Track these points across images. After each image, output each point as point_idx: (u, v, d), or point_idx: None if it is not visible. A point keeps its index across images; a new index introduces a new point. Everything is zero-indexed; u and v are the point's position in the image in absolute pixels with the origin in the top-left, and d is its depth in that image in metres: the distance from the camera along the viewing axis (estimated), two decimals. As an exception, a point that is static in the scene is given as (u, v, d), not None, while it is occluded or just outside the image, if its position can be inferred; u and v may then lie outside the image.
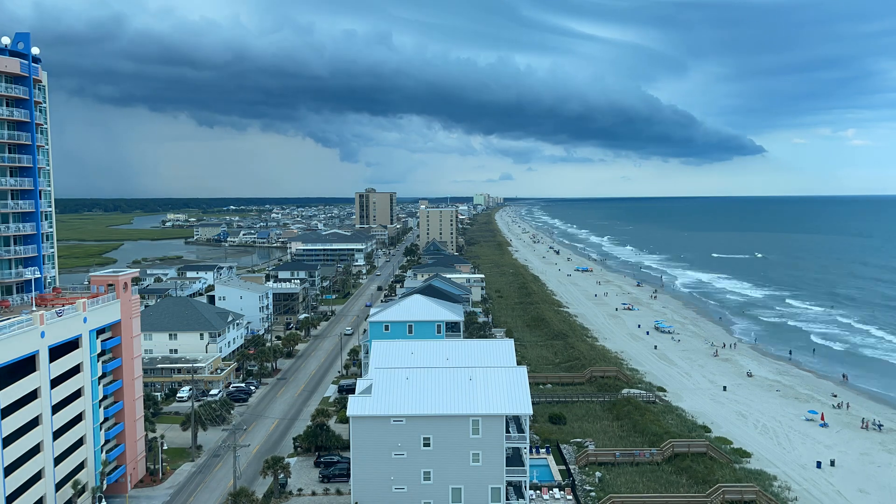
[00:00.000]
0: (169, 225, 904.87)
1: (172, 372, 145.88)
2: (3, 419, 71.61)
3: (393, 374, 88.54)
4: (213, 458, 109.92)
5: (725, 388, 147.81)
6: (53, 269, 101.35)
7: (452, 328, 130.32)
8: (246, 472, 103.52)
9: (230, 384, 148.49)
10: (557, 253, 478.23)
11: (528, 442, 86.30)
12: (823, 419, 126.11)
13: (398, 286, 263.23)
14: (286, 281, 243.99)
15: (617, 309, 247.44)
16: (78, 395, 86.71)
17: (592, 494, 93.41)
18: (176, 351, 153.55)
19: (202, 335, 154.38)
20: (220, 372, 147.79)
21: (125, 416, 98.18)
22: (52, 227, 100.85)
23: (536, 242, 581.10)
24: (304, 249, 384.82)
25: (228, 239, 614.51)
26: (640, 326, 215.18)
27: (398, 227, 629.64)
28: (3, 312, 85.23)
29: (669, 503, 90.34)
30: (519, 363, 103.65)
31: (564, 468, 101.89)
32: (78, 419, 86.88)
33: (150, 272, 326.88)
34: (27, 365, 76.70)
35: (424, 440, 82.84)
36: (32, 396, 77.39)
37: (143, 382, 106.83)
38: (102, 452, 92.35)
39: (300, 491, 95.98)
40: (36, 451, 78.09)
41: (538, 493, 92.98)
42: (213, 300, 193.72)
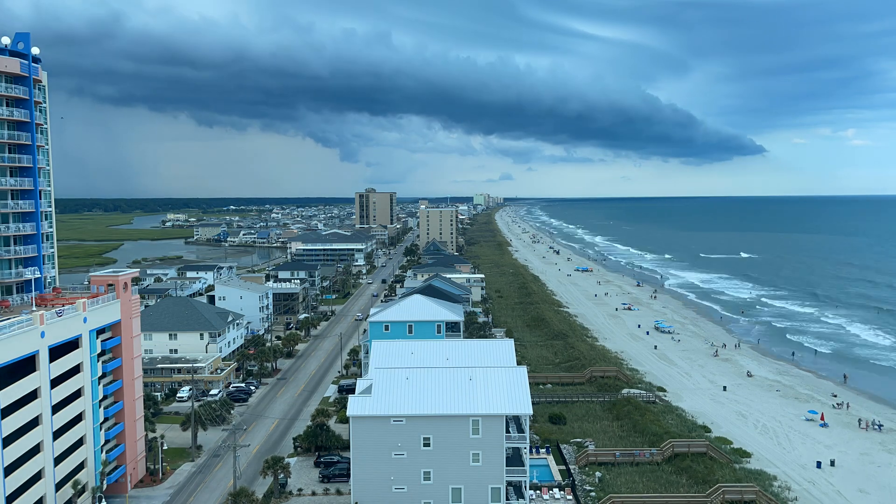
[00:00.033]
0: (169, 225, 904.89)
1: (172, 372, 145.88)
2: (3, 419, 71.61)
3: (393, 374, 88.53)
4: (213, 458, 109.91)
5: (725, 388, 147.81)
6: (53, 269, 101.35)
7: (452, 328, 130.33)
8: (246, 472, 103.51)
9: (230, 384, 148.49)
10: (557, 253, 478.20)
11: (528, 442, 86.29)
12: (823, 419, 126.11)
13: (398, 286, 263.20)
14: (286, 281, 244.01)
15: (617, 309, 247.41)
16: (78, 395, 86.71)
17: (592, 494, 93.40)
18: (176, 351, 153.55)
19: (202, 335, 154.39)
20: (220, 372, 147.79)
21: (125, 416, 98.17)
22: (52, 227, 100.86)
23: (536, 242, 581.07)
24: (304, 249, 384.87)
25: (228, 239, 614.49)
26: (640, 326, 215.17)
27: (398, 227, 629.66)
28: (3, 312, 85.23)
29: (669, 503, 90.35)
30: (519, 363, 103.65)
31: (564, 468, 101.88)
32: (78, 419, 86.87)
33: (150, 272, 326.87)
34: (27, 365, 76.69)
35: (424, 440, 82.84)
36: (32, 396, 77.39)
37: (143, 382, 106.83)
38: (102, 452, 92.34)
39: (300, 491, 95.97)
40: (36, 451, 78.09)
41: (538, 493, 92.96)
42: (213, 300, 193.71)
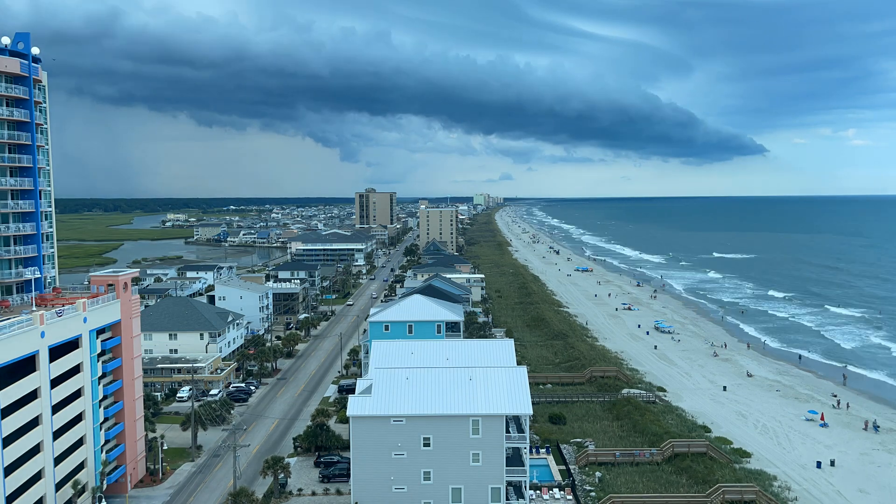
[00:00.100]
0: (169, 225, 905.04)
1: (172, 372, 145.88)
2: (3, 419, 71.61)
3: (393, 374, 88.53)
4: (213, 458, 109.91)
5: (725, 388, 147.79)
6: (53, 269, 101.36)
7: (452, 328, 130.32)
8: (246, 472, 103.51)
9: (230, 384, 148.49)
10: (557, 253, 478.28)
11: (528, 442, 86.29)
12: (823, 419, 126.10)
13: (398, 286, 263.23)
14: (286, 281, 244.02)
15: (617, 309, 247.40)
16: (78, 395, 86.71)
17: (592, 494, 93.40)
18: (176, 351, 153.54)
19: (202, 335, 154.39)
20: (220, 372, 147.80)
21: (125, 416, 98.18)
22: (52, 227, 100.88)
23: (536, 242, 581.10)
24: (304, 249, 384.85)
25: (228, 239, 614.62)
26: (640, 326, 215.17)
27: (398, 227, 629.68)
28: (3, 312, 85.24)
29: (669, 503, 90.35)
30: (519, 363, 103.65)
31: (564, 468, 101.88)
32: (78, 419, 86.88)
33: (150, 272, 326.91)
34: (27, 365, 76.70)
35: (424, 440, 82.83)
36: (32, 396, 77.39)
37: (143, 382, 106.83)
38: (102, 452, 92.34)
39: (300, 491, 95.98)
40: (36, 451, 78.09)
41: (538, 493, 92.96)
42: (213, 300, 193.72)
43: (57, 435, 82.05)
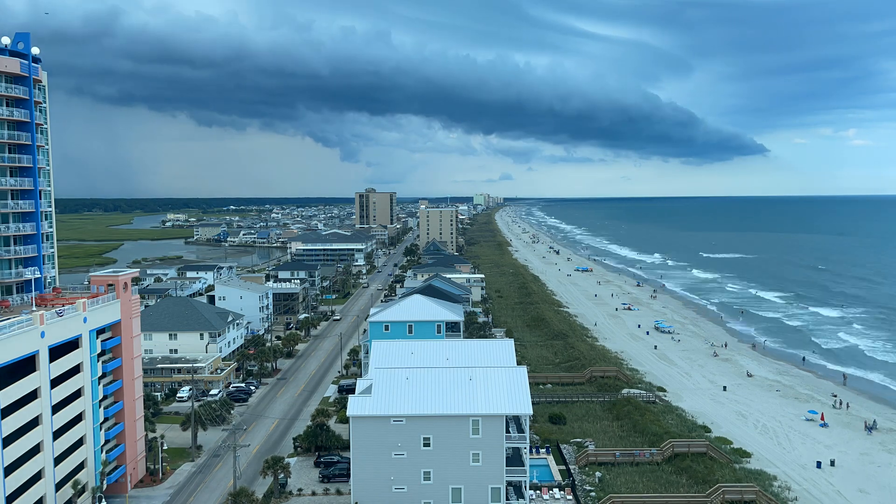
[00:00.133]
0: (169, 225, 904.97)
1: (172, 372, 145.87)
2: (3, 419, 71.61)
3: (393, 374, 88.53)
4: (213, 458, 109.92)
5: (725, 388, 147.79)
6: (53, 269, 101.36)
7: (452, 328, 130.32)
8: (246, 472, 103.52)
9: (230, 384, 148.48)
10: (557, 253, 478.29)
11: (528, 442, 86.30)
12: (823, 419, 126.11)
13: (398, 286, 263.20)
14: (286, 281, 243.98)
15: (617, 309, 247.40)
16: (78, 395, 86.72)
17: (592, 494, 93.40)
18: (176, 351, 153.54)
19: (202, 335, 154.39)
20: (220, 372, 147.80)
21: (125, 416, 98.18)
22: (52, 227, 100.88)
23: (536, 242, 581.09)
24: (304, 249, 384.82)
25: (228, 239, 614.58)
26: (640, 326, 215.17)
27: (398, 227, 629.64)
28: (3, 312, 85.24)
29: (669, 503, 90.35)
30: (519, 363, 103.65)
31: (564, 468, 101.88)
32: (78, 419, 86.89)
33: (150, 272, 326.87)
34: (27, 365, 76.70)
35: (424, 440, 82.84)
36: (32, 396, 77.40)
37: (143, 382, 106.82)
38: (102, 452, 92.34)
39: (300, 491, 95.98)
40: (36, 451, 78.10)
41: (538, 493, 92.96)
42: (213, 300, 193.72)
43: (57, 435, 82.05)
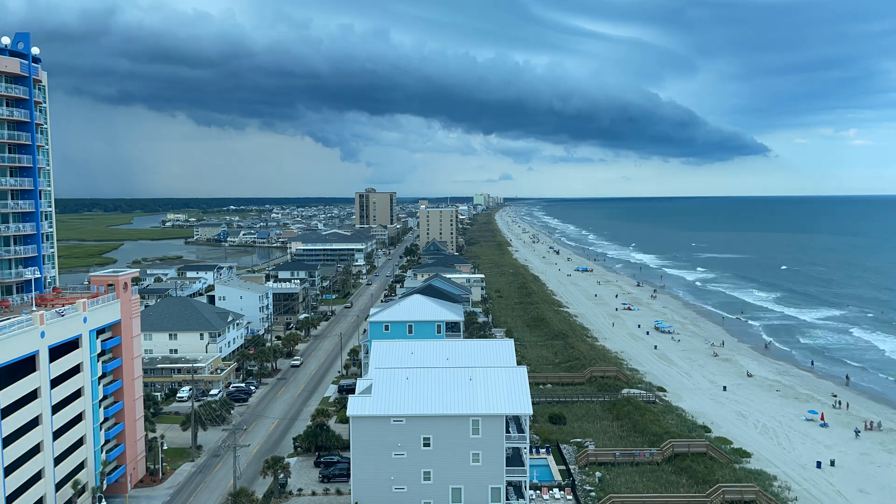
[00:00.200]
0: (169, 225, 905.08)
1: (172, 372, 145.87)
2: (3, 419, 71.60)
3: (393, 374, 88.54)
4: (213, 458, 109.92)
5: (725, 388, 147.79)
6: (53, 269, 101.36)
7: (452, 328, 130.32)
8: (246, 472, 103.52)
9: (230, 384, 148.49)
10: (557, 253, 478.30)
11: (528, 442, 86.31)
12: (823, 419, 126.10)
13: (398, 286, 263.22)
14: (286, 281, 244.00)
15: (617, 309, 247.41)
16: (78, 395, 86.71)
17: (592, 494, 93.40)
18: (176, 351, 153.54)
19: (202, 335, 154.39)
20: (220, 372, 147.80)
21: (125, 416, 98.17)
22: (52, 227, 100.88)
23: (536, 242, 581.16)
24: (304, 249, 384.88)
25: (228, 239, 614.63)
26: (640, 326, 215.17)
27: (398, 227, 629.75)
28: (3, 312, 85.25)
29: (669, 503, 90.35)
30: (519, 363, 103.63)
31: (564, 468, 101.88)
32: (78, 419, 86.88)
33: (150, 272, 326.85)
34: (27, 365, 76.70)
35: (424, 440, 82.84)
36: (32, 396, 77.39)
37: (143, 382, 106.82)
38: (102, 452, 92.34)
39: (300, 491, 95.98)
40: (36, 451, 78.09)
41: (538, 493, 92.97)
42: (213, 300, 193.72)
43: (57, 435, 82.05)
